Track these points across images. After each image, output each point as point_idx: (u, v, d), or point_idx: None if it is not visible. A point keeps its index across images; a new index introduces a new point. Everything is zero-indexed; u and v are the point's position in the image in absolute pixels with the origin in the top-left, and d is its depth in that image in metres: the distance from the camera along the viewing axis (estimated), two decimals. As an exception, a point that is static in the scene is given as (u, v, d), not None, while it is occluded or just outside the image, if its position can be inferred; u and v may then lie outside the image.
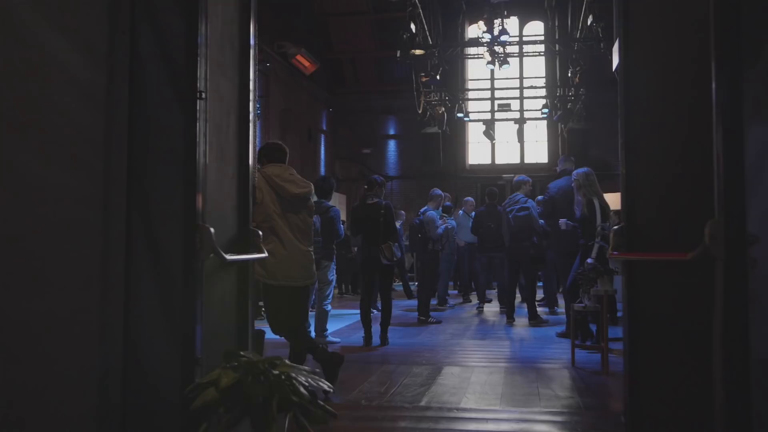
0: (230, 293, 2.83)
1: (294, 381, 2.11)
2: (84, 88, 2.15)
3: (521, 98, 16.92)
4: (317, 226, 6.27)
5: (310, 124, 18.17)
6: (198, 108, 2.44)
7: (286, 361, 2.40)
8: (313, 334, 6.41)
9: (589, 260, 5.20)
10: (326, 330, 6.42)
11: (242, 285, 2.91)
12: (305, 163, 17.51)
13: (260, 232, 3.08)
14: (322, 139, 19.41)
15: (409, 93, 16.19)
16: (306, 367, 2.26)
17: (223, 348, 2.48)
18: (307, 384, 2.12)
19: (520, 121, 18.17)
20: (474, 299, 11.00)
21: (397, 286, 15.04)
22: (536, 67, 19.02)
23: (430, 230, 8.37)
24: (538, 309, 8.23)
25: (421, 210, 8.64)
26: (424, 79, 14.05)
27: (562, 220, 6.56)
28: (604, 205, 5.81)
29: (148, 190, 2.41)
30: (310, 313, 6.47)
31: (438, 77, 14.23)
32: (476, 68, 19.66)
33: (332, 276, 6.45)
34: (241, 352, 2.34)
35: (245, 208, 2.99)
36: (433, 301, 10.61)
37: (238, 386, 2.04)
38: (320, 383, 2.23)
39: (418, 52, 13.79)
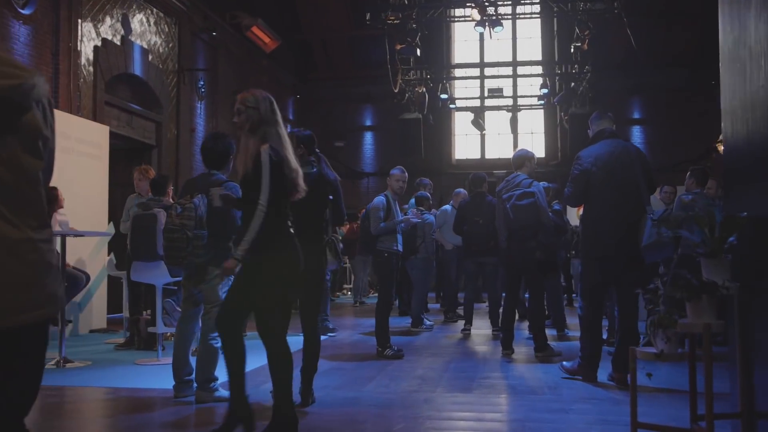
0: None
1: None
2: None
3: (514, 76, 14.58)
4: (201, 211, 3.88)
5: (272, 112, 15.75)
6: None
7: None
8: (195, 385, 4.01)
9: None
10: (215, 380, 3.99)
11: None
12: (266, 155, 15.11)
13: None
14: (289, 131, 16.97)
15: (388, 78, 13.85)
16: None
17: None
18: None
19: (514, 109, 15.87)
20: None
21: (372, 299, 12.56)
22: (532, 47, 16.74)
23: (371, 223, 5.95)
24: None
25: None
26: (398, 47, 11.68)
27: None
28: (281, 168, 3.08)
29: None
30: (190, 351, 4.07)
31: (418, 47, 11.84)
32: (463, 49, 17.37)
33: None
34: None
35: None
36: (407, 321, 8.24)
37: None
38: None
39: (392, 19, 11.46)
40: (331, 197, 4.03)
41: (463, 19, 13.02)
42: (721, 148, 9.98)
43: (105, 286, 7.87)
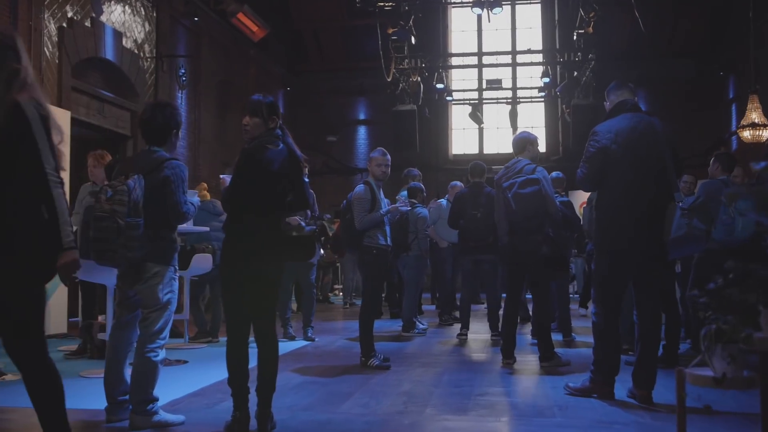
0: None
1: None
2: None
3: (514, 64, 13.88)
4: (137, 195, 3.18)
5: (260, 104, 15.00)
6: None
7: None
8: (130, 406, 3.30)
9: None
10: (154, 401, 3.28)
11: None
12: (254, 150, 14.38)
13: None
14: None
15: (382, 71, 13.09)
16: None
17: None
18: None
19: (513, 102, 15.18)
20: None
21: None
22: (533, 36, 16.03)
23: (355, 216, 5.18)
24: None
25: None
26: (390, 31, 10.97)
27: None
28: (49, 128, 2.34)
29: None
30: (125, 365, 3.37)
31: (413, 34, 11.12)
32: (460, 40, 16.66)
33: (168, 294, 3.31)
34: None
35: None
36: (398, 324, 7.55)
37: None
38: None
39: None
40: (307, 179, 3.33)
41: (459, 3, 12.30)
42: (744, 134, 9.25)
43: (65, 287, 7.15)
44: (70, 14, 8.47)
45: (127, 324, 3.36)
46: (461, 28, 16.71)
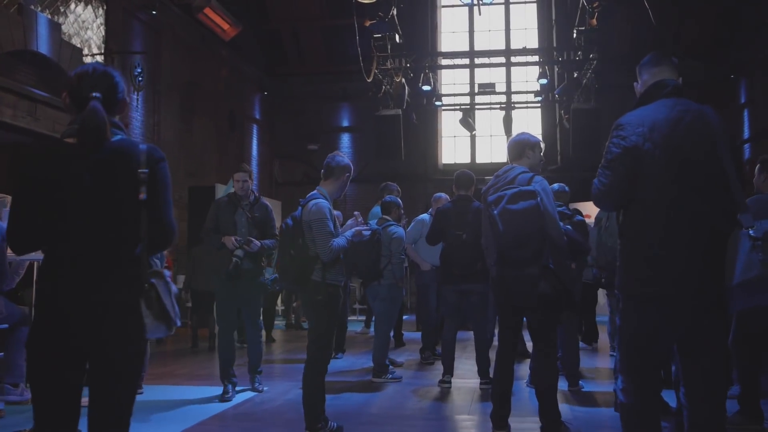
0: None
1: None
2: None
3: (508, 65, 12.74)
4: None
5: (234, 109, 13.84)
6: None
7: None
8: None
9: None
10: None
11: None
12: (227, 158, 13.17)
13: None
14: (255, 131, 15.09)
15: (368, 73, 11.91)
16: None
17: None
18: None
19: (508, 107, 14.03)
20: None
21: (354, 325, 10.42)
22: (528, 38, 14.92)
23: (319, 243, 3.90)
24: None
25: (310, 195, 4.19)
26: (368, 23, 9.81)
27: None
28: None
29: None
30: None
31: (397, 29, 9.96)
32: (450, 41, 15.53)
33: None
34: None
35: None
36: (365, 363, 6.32)
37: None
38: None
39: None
40: (144, 195, 2.06)
41: (450, 4, 11.14)
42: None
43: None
44: (-10, -1, 7.28)
45: None
46: (451, 28, 15.60)
